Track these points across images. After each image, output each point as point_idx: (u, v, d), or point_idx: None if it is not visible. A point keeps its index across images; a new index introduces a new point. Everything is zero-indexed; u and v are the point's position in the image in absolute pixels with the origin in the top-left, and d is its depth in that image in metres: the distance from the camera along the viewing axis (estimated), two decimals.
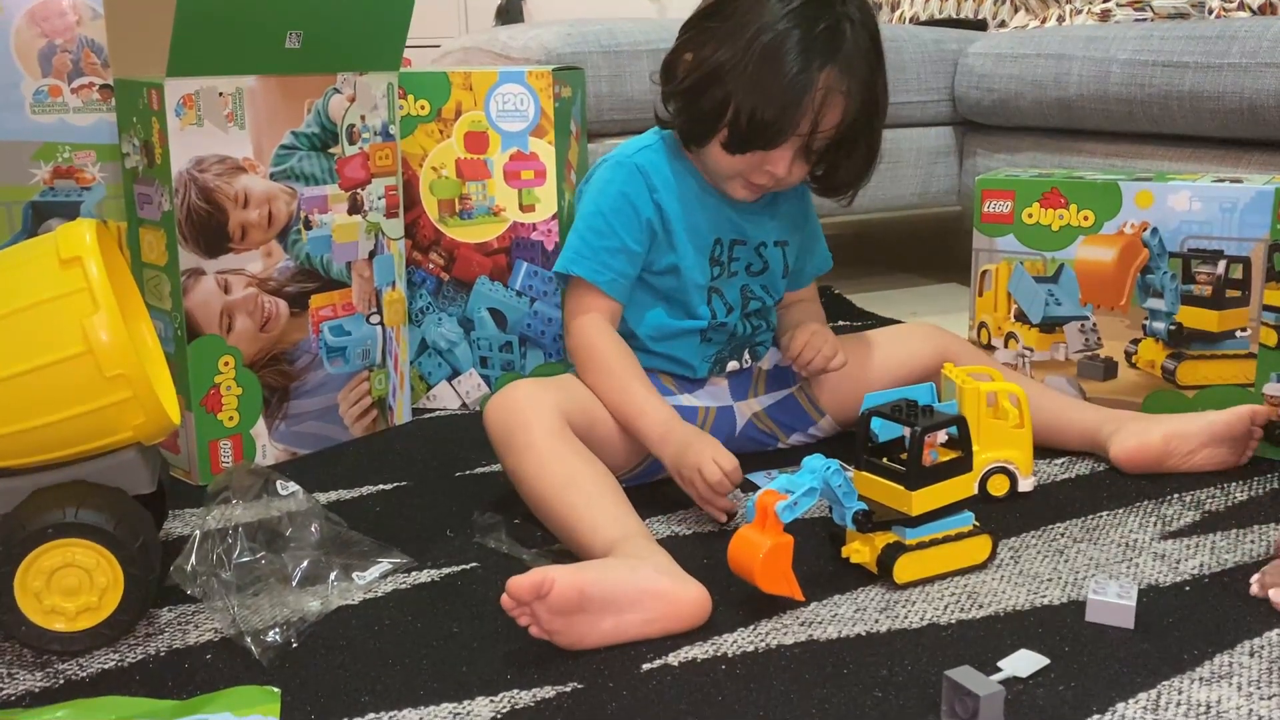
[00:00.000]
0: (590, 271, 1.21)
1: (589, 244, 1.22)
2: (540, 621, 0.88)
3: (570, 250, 1.23)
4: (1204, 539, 1.10)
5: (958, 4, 2.82)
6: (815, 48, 1.13)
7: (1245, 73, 1.68)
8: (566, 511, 1.05)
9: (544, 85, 1.45)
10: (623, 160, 1.24)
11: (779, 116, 1.13)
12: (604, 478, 1.08)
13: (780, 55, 1.12)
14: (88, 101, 1.36)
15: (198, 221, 1.24)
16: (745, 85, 1.13)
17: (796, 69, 1.12)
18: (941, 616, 0.96)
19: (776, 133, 1.14)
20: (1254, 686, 0.85)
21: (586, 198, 1.25)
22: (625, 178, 1.22)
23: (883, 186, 2.25)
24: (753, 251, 1.29)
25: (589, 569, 0.92)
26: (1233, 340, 1.33)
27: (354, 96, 1.38)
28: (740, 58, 1.13)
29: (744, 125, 1.14)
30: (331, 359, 1.40)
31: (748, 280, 1.30)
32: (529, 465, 1.08)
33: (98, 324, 0.91)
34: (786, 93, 1.12)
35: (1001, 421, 1.19)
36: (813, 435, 1.37)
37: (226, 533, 1.03)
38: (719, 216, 1.26)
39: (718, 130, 1.17)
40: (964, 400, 1.17)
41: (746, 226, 1.28)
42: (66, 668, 0.91)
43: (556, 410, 1.11)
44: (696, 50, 1.18)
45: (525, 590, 0.86)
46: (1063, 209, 1.39)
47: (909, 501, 1.00)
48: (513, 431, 1.10)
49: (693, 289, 1.25)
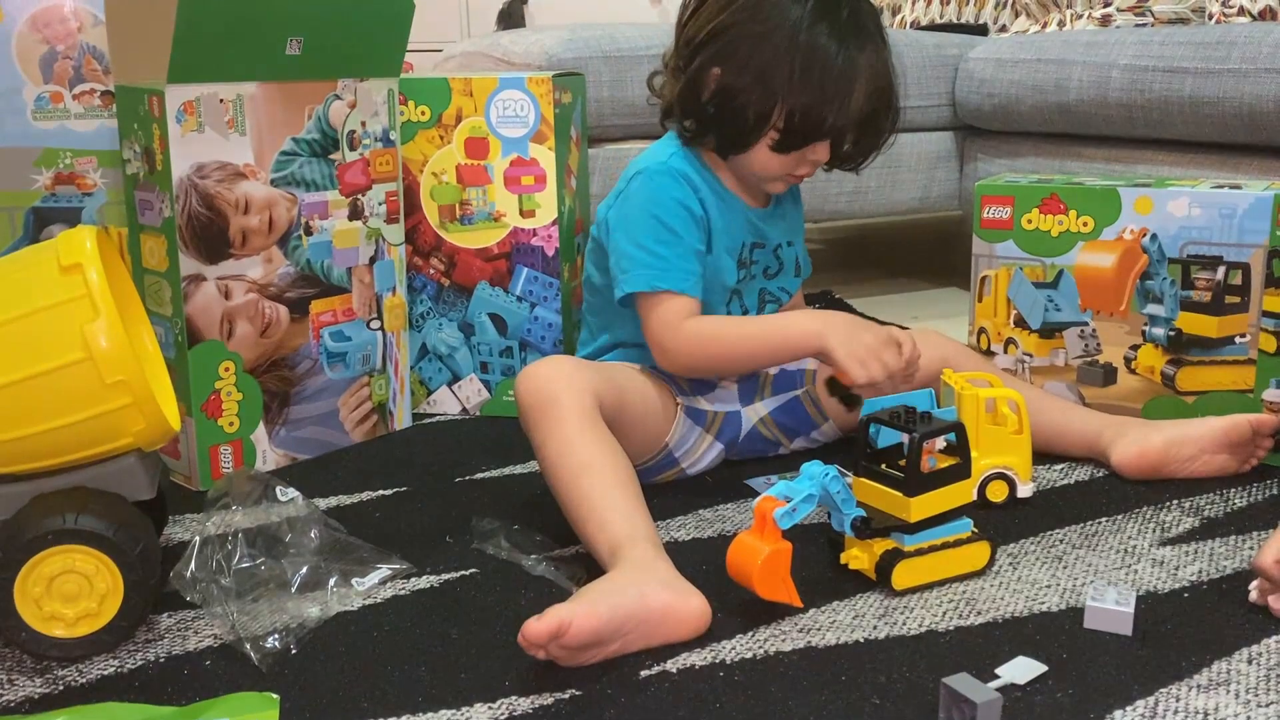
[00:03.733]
0: (676, 282, 1.19)
1: (660, 256, 1.19)
2: (553, 656, 0.87)
3: (642, 268, 1.19)
4: (1203, 545, 1.10)
5: (958, 9, 2.83)
6: (847, 34, 1.17)
7: (1245, 78, 1.69)
8: (581, 497, 1.04)
9: (544, 91, 1.46)
10: (662, 169, 1.23)
11: (833, 108, 1.17)
12: (622, 470, 1.07)
13: (820, 50, 1.16)
14: (89, 108, 1.37)
15: (198, 227, 1.25)
16: (794, 86, 1.16)
17: (840, 59, 1.16)
18: (940, 623, 0.96)
19: (832, 124, 1.18)
20: (1252, 694, 0.85)
21: (635, 212, 1.22)
22: (673, 184, 1.22)
23: (883, 191, 2.25)
24: (770, 254, 1.31)
25: (600, 603, 0.89)
26: (1232, 346, 1.33)
27: (354, 102, 1.38)
28: (782, 60, 1.16)
29: (798, 123, 1.18)
30: (332, 364, 1.40)
31: (765, 284, 1.31)
32: (553, 442, 1.07)
33: (98, 330, 0.91)
34: (836, 84, 1.16)
35: (1000, 427, 1.19)
36: (815, 440, 1.37)
37: (226, 538, 1.03)
38: (742, 220, 1.27)
39: (764, 134, 1.19)
40: (962, 406, 1.17)
41: (765, 229, 1.29)
42: (66, 674, 0.91)
43: (590, 390, 1.10)
44: (725, 63, 1.18)
45: (543, 635, 0.85)
46: (1062, 215, 1.40)
47: (907, 508, 1.00)
48: (545, 405, 1.09)
49: (718, 291, 1.25)
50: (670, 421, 1.24)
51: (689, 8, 1.24)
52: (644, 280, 1.20)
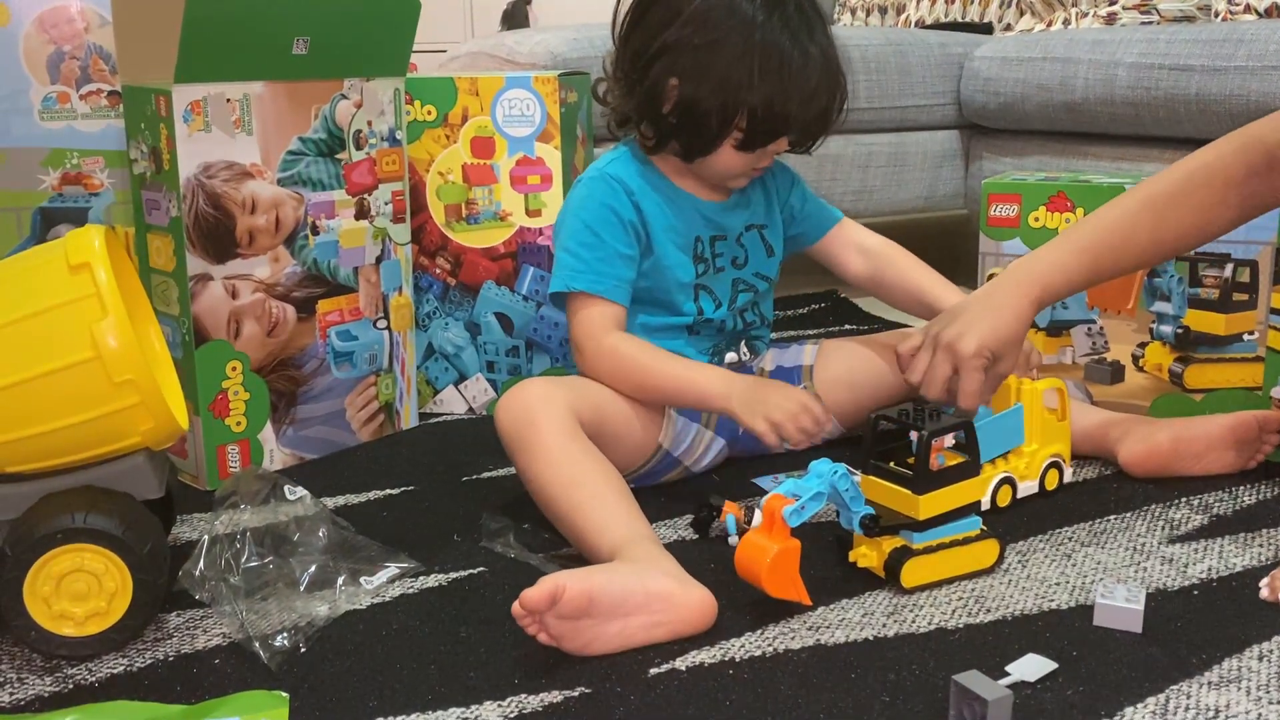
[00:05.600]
0: (590, 283, 1.21)
1: (581, 259, 1.21)
2: (548, 627, 0.88)
3: (564, 270, 1.22)
4: (1212, 543, 1.10)
5: (963, 7, 2.82)
6: (798, 27, 1.17)
7: (1252, 75, 1.68)
8: (574, 511, 1.05)
9: (550, 90, 1.46)
10: (595, 175, 1.25)
11: (795, 103, 1.17)
12: (612, 479, 1.08)
13: (775, 46, 1.16)
14: (96, 108, 1.37)
15: (205, 227, 1.25)
16: (755, 87, 1.16)
17: (796, 55, 1.16)
18: (949, 621, 0.96)
19: (795, 118, 1.18)
20: (1263, 691, 0.85)
21: (568, 218, 1.25)
22: (602, 189, 1.23)
23: (889, 190, 2.25)
24: (734, 244, 1.30)
25: (596, 573, 0.92)
26: (1240, 343, 1.33)
27: (361, 102, 1.38)
28: (739, 64, 1.15)
29: (761, 122, 1.18)
30: (339, 364, 1.40)
31: (737, 273, 1.30)
32: (538, 464, 1.08)
33: (106, 329, 0.91)
34: (795, 79, 1.16)
35: (1053, 416, 1.21)
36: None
37: (234, 538, 1.03)
38: (695, 216, 1.27)
39: (728, 136, 1.19)
40: (1022, 399, 1.19)
41: (722, 221, 1.29)
42: (75, 672, 0.91)
43: (568, 409, 1.11)
44: (682, 73, 1.18)
45: (541, 600, 0.86)
46: (1069, 213, 1.39)
47: (916, 506, 1.00)
48: (523, 430, 1.10)
49: (675, 287, 1.25)
50: (660, 424, 1.24)
51: (628, 19, 1.23)
52: (562, 280, 1.22)
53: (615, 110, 1.27)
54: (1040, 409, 1.20)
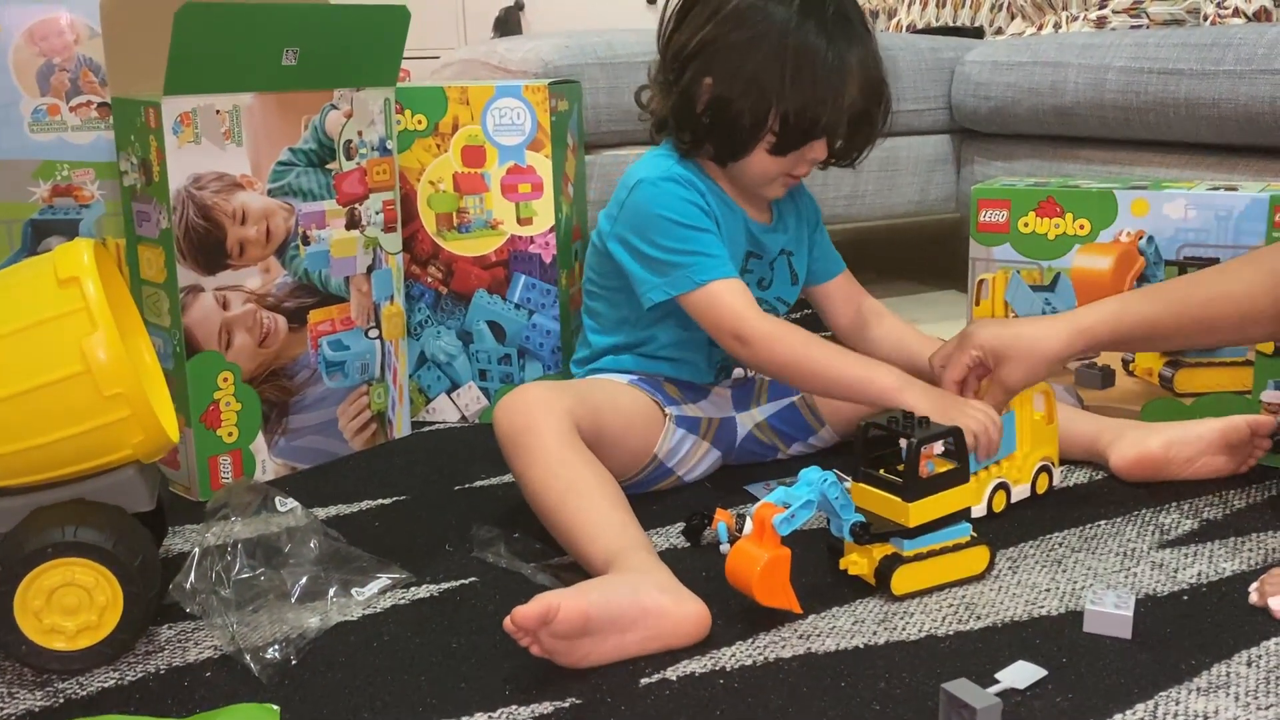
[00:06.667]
0: (716, 271, 1.17)
1: (691, 254, 1.18)
2: (542, 643, 0.88)
3: (678, 270, 1.18)
4: (1202, 548, 1.10)
5: (954, 12, 2.83)
6: (834, 31, 1.18)
7: (1240, 79, 1.69)
8: (569, 518, 1.05)
9: (540, 99, 1.46)
10: (664, 176, 1.22)
11: (827, 106, 1.18)
12: (609, 486, 1.08)
13: (811, 51, 1.17)
14: (86, 120, 1.37)
15: (196, 238, 1.25)
16: (788, 89, 1.17)
17: (830, 56, 1.17)
18: (939, 628, 0.96)
19: (827, 122, 1.19)
20: (1251, 696, 0.85)
21: (650, 218, 1.20)
22: (680, 189, 1.21)
23: (881, 194, 2.25)
24: (766, 265, 1.31)
25: (591, 591, 0.91)
26: (1230, 348, 1.33)
27: (351, 112, 1.38)
28: (773, 64, 1.16)
29: (793, 124, 1.18)
30: (330, 373, 1.41)
31: (760, 294, 1.30)
32: (535, 469, 1.08)
33: (96, 343, 0.91)
34: (828, 82, 1.17)
35: (1041, 420, 1.22)
36: (812, 445, 1.37)
37: (226, 549, 1.03)
38: (742, 230, 1.28)
39: (761, 139, 1.20)
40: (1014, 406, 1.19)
41: (764, 240, 1.29)
42: (66, 686, 0.91)
43: (566, 414, 1.11)
44: (716, 73, 1.19)
45: (532, 619, 0.86)
46: (1058, 218, 1.40)
47: (906, 513, 1.00)
48: (521, 434, 1.09)
49: None
50: (657, 433, 1.24)
51: (671, 23, 1.24)
52: (686, 281, 1.18)
53: (655, 116, 1.27)
54: (1030, 414, 1.21)
